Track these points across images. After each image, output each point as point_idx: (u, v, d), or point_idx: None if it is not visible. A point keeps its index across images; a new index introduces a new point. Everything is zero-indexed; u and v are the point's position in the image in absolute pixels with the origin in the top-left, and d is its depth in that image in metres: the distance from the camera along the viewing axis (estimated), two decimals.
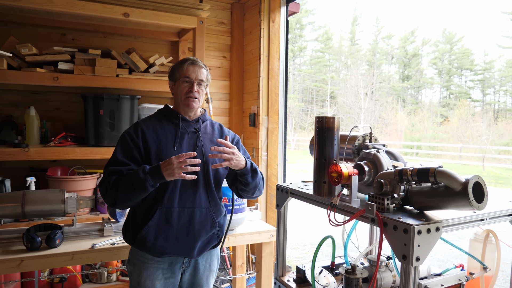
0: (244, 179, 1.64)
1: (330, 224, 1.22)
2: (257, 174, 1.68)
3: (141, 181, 1.47)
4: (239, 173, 1.63)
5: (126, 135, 1.63)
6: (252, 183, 1.66)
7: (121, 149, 1.60)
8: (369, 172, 1.28)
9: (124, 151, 1.59)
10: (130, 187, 1.49)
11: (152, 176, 1.47)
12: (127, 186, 1.50)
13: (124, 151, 1.60)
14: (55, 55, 2.57)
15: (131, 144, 1.60)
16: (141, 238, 1.57)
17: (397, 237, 1.02)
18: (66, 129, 2.94)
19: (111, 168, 1.56)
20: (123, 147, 1.60)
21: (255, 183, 1.68)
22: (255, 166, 1.69)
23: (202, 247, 1.65)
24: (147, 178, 1.47)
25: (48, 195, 1.99)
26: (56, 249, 1.90)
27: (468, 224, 1.10)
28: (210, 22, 3.51)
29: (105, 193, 1.56)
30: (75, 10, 2.44)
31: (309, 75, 34.65)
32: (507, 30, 32.44)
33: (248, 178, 1.64)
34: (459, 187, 0.99)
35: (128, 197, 1.52)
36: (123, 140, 1.62)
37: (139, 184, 1.47)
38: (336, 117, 1.37)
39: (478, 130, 21.43)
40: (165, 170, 1.46)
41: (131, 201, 1.55)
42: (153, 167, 1.50)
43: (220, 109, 3.62)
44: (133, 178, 1.48)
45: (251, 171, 1.64)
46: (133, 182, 1.48)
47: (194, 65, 1.67)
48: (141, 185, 1.47)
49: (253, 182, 1.67)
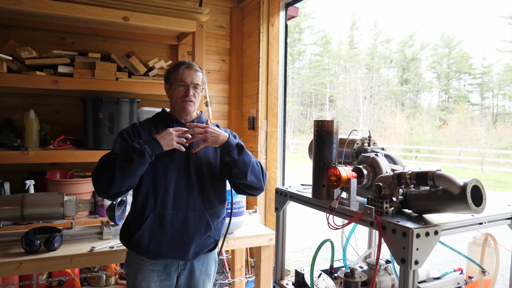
0: (230, 156, 1.56)
1: (329, 228, 1.22)
2: (243, 151, 1.59)
3: (138, 151, 1.46)
4: (224, 150, 1.57)
5: (124, 133, 1.66)
6: (239, 160, 1.56)
7: (119, 144, 1.62)
8: (367, 175, 1.28)
9: (121, 146, 1.61)
10: (127, 160, 1.46)
11: (149, 145, 1.49)
12: (124, 160, 1.47)
13: (121, 145, 1.61)
14: (54, 59, 2.57)
15: (128, 140, 1.63)
16: (135, 241, 1.58)
17: (395, 241, 1.02)
18: (66, 132, 2.94)
19: (106, 157, 1.57)
20: (120, 143, 1.63)
21: (243, 160, 1.57)
22: (242, 143, 1.61)
23: (197, 250, 1.65)
24: (145, 147, 1.47)
25: (47, 198, 1.99)
26: (55, 252, 1.89)
27: (466, 227, 1.10)
28: (210, 26, 3.52)
29: (98, 179, 1.51)
30: (75, 14, 2.45)
31: (308, 79, 34.73)
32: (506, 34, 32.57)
33: (233, 155, 1.55)
34: (458, 190, 0.99)
35: (125, 173, 1.46)
36: (121, 136, 1.65)
37: (137, 154, 1.46)
38: (335, 121, 1.37)
39: (477, 134, 21.48)
40: (163, 139, 1.49)
41: (128, 179, 1.48)
42: (148, 138, 1.53)
43: (219, 112, 3.63)
44: (130, 150, 1.48)
45: (237, 147, 1.57)
46: (131, 154, 1.46)
47: (189, 68, 1.67)
48: (139, 155, 1.46)
49: (241, 159, 1.56)
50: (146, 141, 1.51)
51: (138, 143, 1.50)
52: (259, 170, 1.67)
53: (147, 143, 1.50)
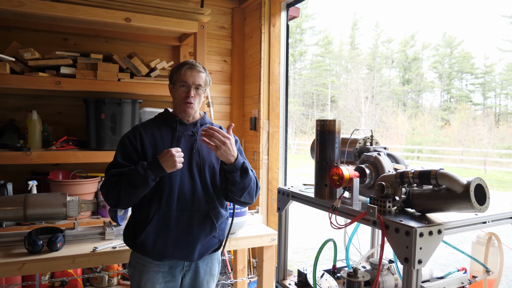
0: (231, 177, 1.55)
1: (332, 227, 1.22)
2: (247, 175, 1.58)
3: (142, 177, 1.48)
4: (227, 169, 1.55)
5: (125, 139, 1.65)
6: (239, 183, 1.56)
7: (121, 153, 1.62)
8: (370, 174, 1.28)
9: (124, 155, 1.62)
10: (131, 185, 1.50)
11: (152, 170, 1.49)
12: (128, 184, 1.51)
13: (123, 154, 1.62)
14: (57, 60, 2.58)
15: (130, 147, 1.62)
16: (140, 242, 1.58)
17: (399, 240, 1.02)
18: (68, 133, 2.95)
19: (112, 171, 1.59)
20: (123, 151, 1.63)
21: (243, 184, 1.58)
22: (248, 166, 1.59)
23: (202, 251, 1.65)
24: (148, 173, 1.49)
25: (50, 199, 2.00)
26: (57, 253, 1.90)
27: (470, 226, 1.10)
28: (211, 27, 3.52)
29: (106, 195, 1.58)
30: (77, 15, 2.46)
31: (310, 79, 34.72)
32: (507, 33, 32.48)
33: (235, 177, 1.54)
34: (461, 189, 0.99)
35: (130, 195, 1.53)
36: (123, 144, 1.64)
37: (141, 181, 1.49)
38: (337, 120, 1.37)
39: (479, 134, 21.40)
40: (165, 162, 1.48)
41: (134, 199, 1.56)
42: (151, 162, 1.52)
43: (221, 113, 3.63)
44: (134, 176, 1.50)
45: (241, 170, 1.55)
46: (134, 180, 1.50)
47: (192, 69, 1.66)
48: (142, 181, 1.49)
49: (241, 182, 1.56)
50: (149, 165, 1.50)
51: (142, 166, 1.50)
52: (254, 189, 1.66)
53: (150, 167, 1.50)
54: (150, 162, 1.52)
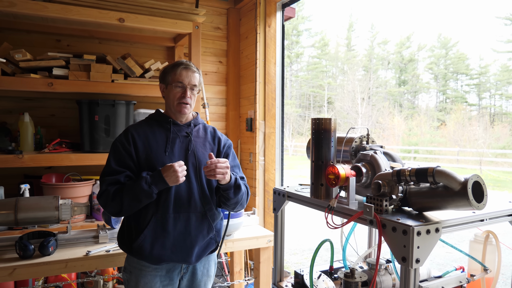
0: (226, 194, 1.60)
1: (328, 227, 1.20)
2: (240, 190, 1.62)
3: (146, 192, 1.48)
4: (222, 188, 1.59)
5: (117, 143, 1.61)
6: (233, 199, 1.61)
7: (114, 158, 1.59)
8: (366, 173, 1.26)
9: (117, 160, 1.58)
10: (135, 199, 1.50)
11: (156, 185, 1.49)
12: (132, 198, 1.50)
13: (117, 160, 1.58)
14: (49, 61, 2.55)
15: (123, 152, 1.59)
16: (137, 246, 1.54)
17: (396, 239, 0.99)
18: (61, 136, 2.92)
19: (108, 179, 1.55)
20: (116, 156, 1.59)
21: (237, 199, 1.63)
22: (240, 182, 1.63)
23: (200, 253, 1.62)
24: (153, 189, 1.48)
25: (42, 202, 1.96)
26: (49, 257, 1.86)
27: (468, 224, 1.08)
28: (206, 28, 3.50)
29: (105, 205, 1.55)
30: (70, 16, 2.43)
31: (306, 81, 34.78)
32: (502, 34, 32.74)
33: (229, 194, 1.59)
34: (458, 186, 0.97)
35: (134, 207, 1.53)
36: (115, 148, 1.61)
37: (145, 195, 1.49)
38: (332, 119, 1.35)
39: (475, 134, 21.50)
40: (168, 177, 1.47)
41: (137, 209, 1.56)
42: (154, 176, 1.50)
43: (216, 114, 3.61)
44: (138, 191, 1.48)
45: (234, 187, 1.59)
46: (139, 194, 1.49)
47: (187, 69, 1.64)
48: (147, 196, 1.49)
49: (235, 198, 1.61)
50: (153, 180, 1.49)
51: (146, 181, 1.49)
52: (245, 198, 1.71)
53: (154, 182, 1.48)
54: (153, 176, 1.50)
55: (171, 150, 1.61)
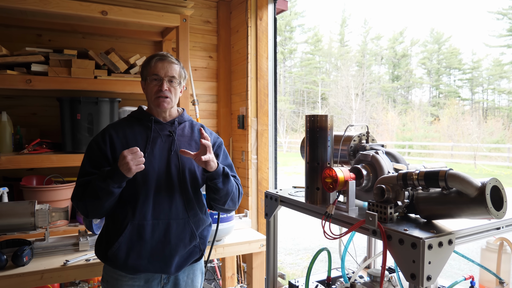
0: (213, 184, 1.46)
1: (326, 237, 1.07)
2: (229, 180, 1.49)
3: (103, 187, 1.34)
4: (209, 176, 1.45)
5: (93, 144, 1.49)
6: (222, 189, 1.48)
7: (89, 160, 1.47)
8: (367, 176, 1.14)
9: (92, 161, 1.46)
10: (95, 197, 1.37)
11: (112, 179, 1.33)
12: (92, 196, 1.37)
13: (91, 161, 1.46)
14: (27, 56, 2.40)
15: (98, 153, 1.46)
16: (112, 255, 1.42)
17: (404, 253, 0.87)
18: (44, 135, 2.77)
19: (80, 180, 1.44)
20: (91, 157, 1.47)
21: (226, 190, 1.49)
22: (228, 171, 1.50)
23: (181, 262, 1.49)
24: (109, 183, 1.33)
25: (16, 208, 1.82)
26: (23, 268, 1.72)
27: (483, 234, 0.96)
28: (195, 21, 3.36)
29: (77, 206, 1.46)
30: (48, 8, 2.29)
31: (300, 77, 34.66)
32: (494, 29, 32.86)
33: (218, 183, 1.45)
34: (475, 192, 0.85)
35: (97, 207, 1.40)
36: (90, 149, 1.49)
37: (103, 191, 1.35)
38: (329, 115, 1.22)
39: (468, 129, 21.58)
40: (121, 166, 1.32)
41: (103, 209, 1.43)
42: (110, 169, 1.36)
43: (207, 111, 3.47)
44: (97, 188, 1.35)
45: (222, 176, 1.46)
46: (98, 192, 1.36)
47: (163, 60, 1.51)
48: (105, 192, 1.35)
49: (224, 189, 1.48)
50: (108, 173, 1.34)
51: (102, 175, 1.35)
52: (237, 194, 1.58)
53: (110, 175, 1.33)
54: (110, 170, 1.36)
55: (151, 150, 1.47)
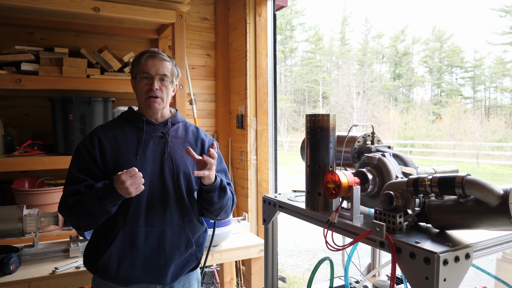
0: (209, 197, 1.38)
1: (328, 248, 0.98)
2: (225, 194, 1.41)
3: (99, 207, 1.26)
4: (205, 189, 1.37)
5: (81, 147, 1.39)
6: (217, 203, 1.40)
7: (76, 164, 1.37)
8: (373, 180, 1.04)
9: (80, 166, 1.36)
10: (89, 215, 1.29)
11: (109, 199, 1.25)
12: (86, 213, 1.29)
13: (79, 166, 1.36)
14: (16, 55, 2.31)
15: (86, 157, 1.36)
16: (102, 265, 1.32)
17: (415, 268, 0.78)
18: (36, 137, 2.68)
19: (68, 189, 1.34)
20: (78, 162, 1.37)
21: (221, 204, 1.42)
22: (225, 184, 1.43)
23: (176, 272, 1.40)
24: (105, 203, 1.25)
25: (3, 213, 1.73)
26: (10, 276, 1.64)
27: (502, 246, 0.87)
28: (193, 18, 3.27)
29: (66, 218, 1.36)
30: (38, 5, 2.21)
31: (301, 76, 34.53)
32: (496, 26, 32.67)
33: (213, 197, 1.38)
34: (496, 201, 0.76)
35: (92, 224, 1.33)
36: (78, 153, 1.39)
37: (100, 211, 1.27)
38: (331, 115, 1.13)
39: (471, 127, 21.42)
40: (119, 189, 1.23)
41: (97, 224, 1.35)
42: (106, 187, 1.26)
43: (205, 110, 3.38)
44: (91, 207, 1.27)
45: (219, 190, 1.38)
46: (92, 210, 1.27)
47: (153, 57, 1.41)
48: (102, 212, 1.27)
49: (219, 202, 1.40)
50: (104, 191, 1.25)
51: (97, 194, 1.25)
52: (231, 205, 1.50)
53: (105, 195, 1.24)
54: (105, 187, 1.27)
55: (143, 153, 1.38)
